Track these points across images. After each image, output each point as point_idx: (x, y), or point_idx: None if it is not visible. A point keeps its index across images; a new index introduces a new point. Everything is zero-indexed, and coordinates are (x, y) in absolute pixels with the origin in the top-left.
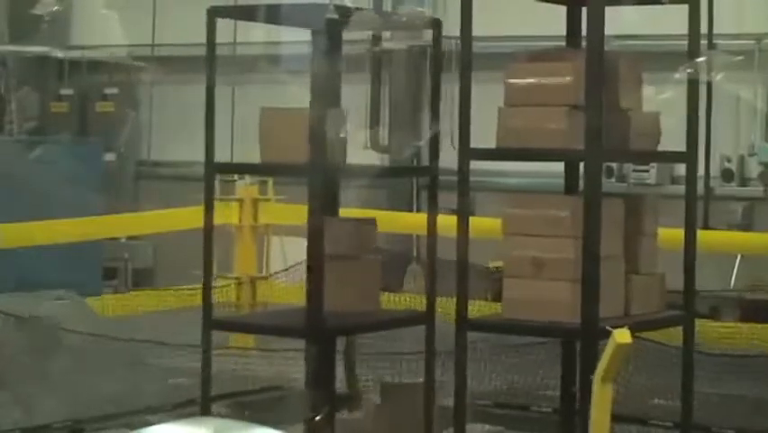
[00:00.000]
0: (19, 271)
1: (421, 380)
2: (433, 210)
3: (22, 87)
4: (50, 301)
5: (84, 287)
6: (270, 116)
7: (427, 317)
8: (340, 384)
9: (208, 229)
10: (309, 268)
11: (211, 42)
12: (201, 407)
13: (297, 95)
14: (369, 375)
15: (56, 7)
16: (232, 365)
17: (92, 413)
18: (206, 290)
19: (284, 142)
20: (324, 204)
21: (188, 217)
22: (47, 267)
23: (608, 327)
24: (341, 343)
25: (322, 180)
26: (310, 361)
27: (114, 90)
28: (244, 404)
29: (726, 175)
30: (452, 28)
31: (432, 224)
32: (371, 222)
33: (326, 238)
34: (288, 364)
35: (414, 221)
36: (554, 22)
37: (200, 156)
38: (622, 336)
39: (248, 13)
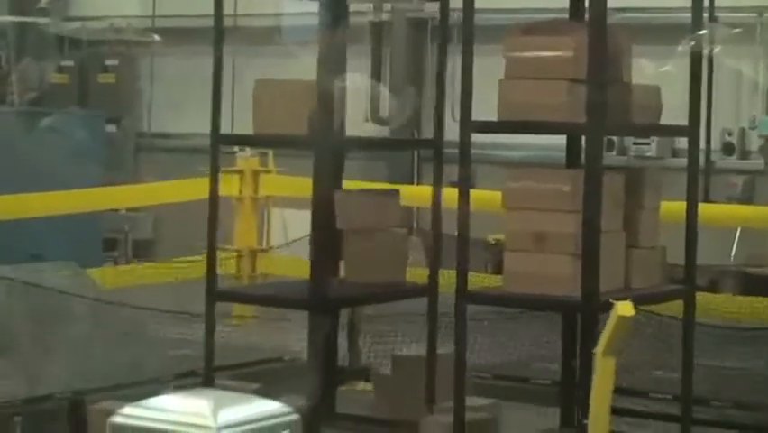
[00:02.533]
0: (19, 243)
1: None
2: (438, 183)
3: (24, 58)
4: (50, 272)
5: (84, 258)
6: (264, 88)
7: (430, 289)
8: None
9: (213, 200)
10: (314, 240)
11: (218, 12)
12: (204, 378)
13: (299, 66)
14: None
15: None
16: (235, 337)
17: (92, 384)
18: (211, 261)
19: (277, 113)
20: (329, 176)
21: (188, 189)
22: (47, 238)
23: (610, 300)
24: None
25: (328, 152)
26: (313, 332)
27: (115, 62)
28: (246, 375)
29: (727, 148)
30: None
31: (436, 196)
32: (394, 193)
33: (346, 210)
34: (290, 335)
35: (414, 193)
36: None
37: (200, 128)
38: (624, 308)
39: None
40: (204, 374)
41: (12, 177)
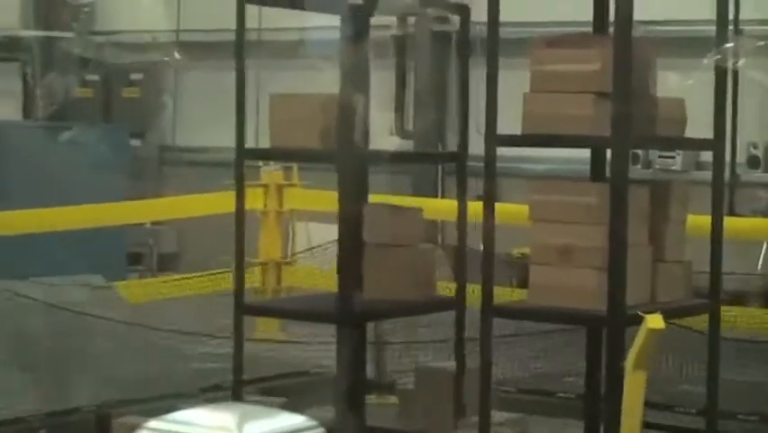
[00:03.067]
0: (44, 257)
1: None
2: (462, 197)
3: (48, 72)
4: (75, 286)
5: (109, 272)
6: (280, 102)
7: (457, 303)
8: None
9: (240, 214)
10: (341, 253)
11: (240, 27)
12: (233, 391)
13: (324, 80)
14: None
15: None
16: (262, 351)
17: (118, 397)
18: (239, 274)
19: (293, 127)
20: (354, 189)
21: (213, 203)
22: (72, 252)
23: (639, 313)
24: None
25: (351, 166)
26: (341, 346)
27: (140, 76)
28: (272, 389)
29: (753, 161)
30: (478, 13)
31: (461, 210)
32: (417, 210)
33: (374, 224)
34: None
35: (439, 207)
36: (581, 7)
37: (224, 142)
38: (654, 321)
39: None
40: (232, 388)
41: (36, 190)
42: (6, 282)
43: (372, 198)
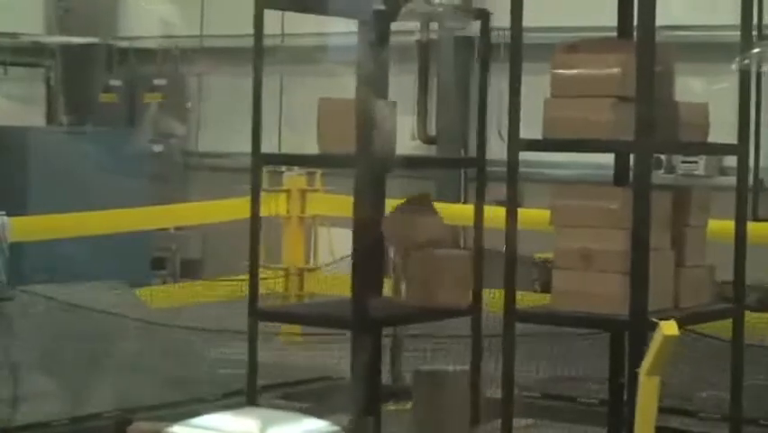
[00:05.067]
0: (68, 261)
1: (459, 368)
2: (479, 201)
3: (71, 77)
4: (99, 291)
5: (133, 277)
6: (328, 106)
7: (474, 308)
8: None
9: (255, 219)
10: (355, 259)
11: (258, 32)
12: (247, 397)
13: (347, 86)
14: None
15: None
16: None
17: (140, 403)
18: (253, 279)
19: (342, 132)
20: (370, 195)
21: (236, 208)
22: (96, 257)
23: (654, 319)
24: None
25: (368, 171)
26: (356, 352)
27: (163, 81)
28: (292, 394)
29: None
30: (501, 18)
31: (478, 215)
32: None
33: (395, 229)
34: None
35: (462, 212)
36: (607, 13)
37: (247, 147)
38: (669, 327)
39: (296, 4)
40: (247, 393)
41: (58, 195)
42: (30, 287)
43: (392, 204)
